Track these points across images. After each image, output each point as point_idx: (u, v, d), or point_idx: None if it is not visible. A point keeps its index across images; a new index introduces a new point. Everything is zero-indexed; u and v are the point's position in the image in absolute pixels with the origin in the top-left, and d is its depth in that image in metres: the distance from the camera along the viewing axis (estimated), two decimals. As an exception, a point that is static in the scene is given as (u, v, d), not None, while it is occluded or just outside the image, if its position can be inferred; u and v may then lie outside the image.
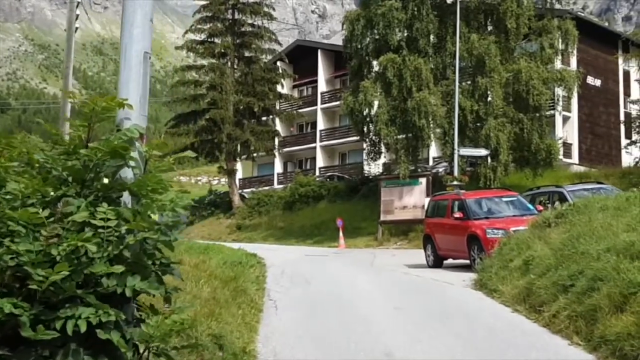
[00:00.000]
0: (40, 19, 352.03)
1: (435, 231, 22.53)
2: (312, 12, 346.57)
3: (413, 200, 36.28)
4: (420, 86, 35.36)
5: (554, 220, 15.46)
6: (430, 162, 50.31)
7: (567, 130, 48.71)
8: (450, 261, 22.44)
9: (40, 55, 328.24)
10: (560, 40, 37.70)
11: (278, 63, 58.60)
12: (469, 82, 37.14)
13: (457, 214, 20.91)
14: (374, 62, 38.20)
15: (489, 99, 35.90)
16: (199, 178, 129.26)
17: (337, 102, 59.48)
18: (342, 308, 13.04)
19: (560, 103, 39.36)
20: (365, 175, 48.90)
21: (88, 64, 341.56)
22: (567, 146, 46.68)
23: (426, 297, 14.56)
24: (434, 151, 50.57)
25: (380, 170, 49.30)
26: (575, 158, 49.39)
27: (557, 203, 20.88)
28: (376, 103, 36.91)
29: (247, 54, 54.99)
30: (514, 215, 20.65)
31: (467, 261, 20.79)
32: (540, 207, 21.26)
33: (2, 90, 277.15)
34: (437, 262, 22.41)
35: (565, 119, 48.61)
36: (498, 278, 14.43)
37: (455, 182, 33.85)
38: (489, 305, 12.98)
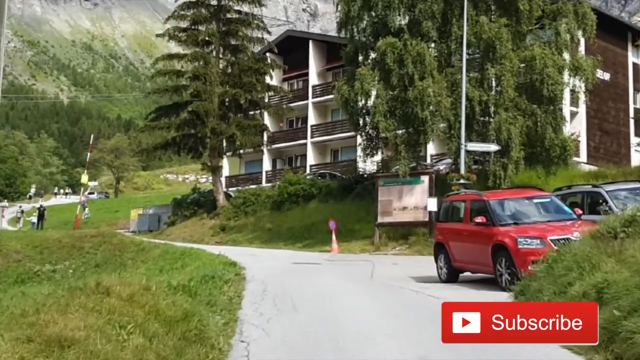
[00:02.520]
0: (30, 15, 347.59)
1: (450, 239, 18.58)
2: (304, 10, 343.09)
3: (414, 201, 32.41)
4: (423, 74, 31.39)
5: (622, 230, 11.59)
6: (428, 160, 46.57)
7: (575, 126, 45.14)
8: (467, 274, 18.51)
9: (29, 51, 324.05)
10: (576, 25, 33.78)
11: (267, 54, 54.70)
12: (476, 72, 33.16)
13: (479, 219, 16.95)
14: (372, 47, 34.25)
15: (500, 88, 31.90)
16: (186, 176, 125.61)
17: (330, 97, 56.11)
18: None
19: (582, 95, 35.32)
20: (360, 173, 44.97)
21: (77, 61, 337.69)
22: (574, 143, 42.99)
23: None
24: (431, 148, 47.03)
25: (375, 169, 45.47)
26: (583, 156, 45.88)
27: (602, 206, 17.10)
28: (374, 93, 32.92)
29: (233, 42, 51.01)
30: (549, 221, 16.74)
31: (488, 275, 16.98)
32: (579, 211, 17.39)
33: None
34: (451, 276, 18.49)
35: (573, 115, 45.10)
36: (553, 309, 10.45)
37: (461, 181, 30.15)
38: (552, 353, 8.98)
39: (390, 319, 12.09)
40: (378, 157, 42.30)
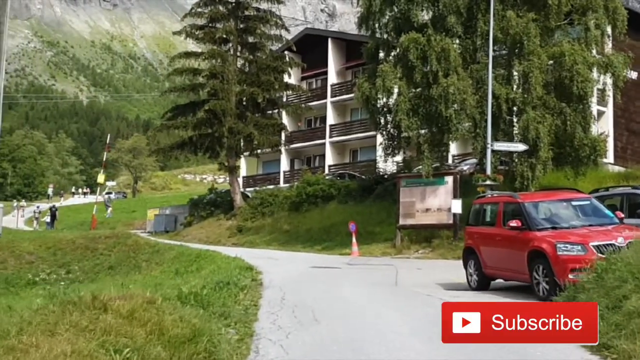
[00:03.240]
0: (50, 16, 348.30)
1: (481, 244, 17.29)
2: (322, 10, 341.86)
3: (438, 202, 31.03)
4: (447, 71, 30.04)
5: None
6: (450, 160, 45.19)
7: (602, 126, 43.61)
8: (499, 281, 17.24)
9: (49, 52, 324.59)
10: (606, 20, 32.34)
11: (285, 53, 53.55)
12: (502, 69, 31.78)
13: (513, 223, 15.65)
14: (394, 44, 32.98)
15: (527, 86, 30.49)
16: (204, 176, 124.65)
17: (349, 96, 55.19)
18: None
19: (611, 93, 33.86)
20: (380, 173, 43.67)
21: (97, 61, 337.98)
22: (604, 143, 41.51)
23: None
24: (453, 148, 45.64)
25: (396, 169, 44.21)
26: (610, 157, 44.35)
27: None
28: (395, 90, 31.63)
29: (251, 40, 49.88)
30: (590, 225, 15.44)
31: (523, 283, 15.73)
32: (621, 214, 16.10)
33: (10, 87, 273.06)
34: (482, 284, 17.21)
35: (600, 114, 43.56)
36: (608, 326, 9.26)
37: (487, 182, 28.79)
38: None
39: (423, 334, 10.84)
40: (398, 158, 41.14)
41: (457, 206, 29.67)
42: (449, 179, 31.16)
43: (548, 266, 14.48)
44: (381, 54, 34.42)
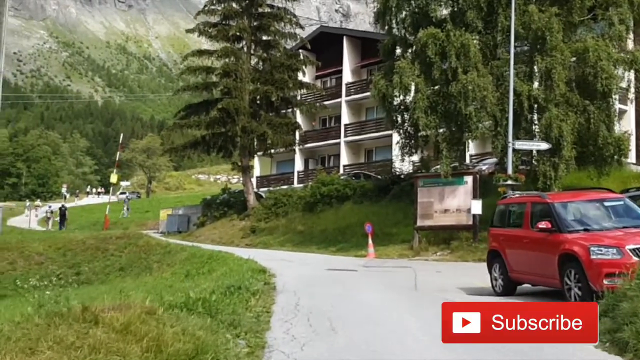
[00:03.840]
0: (65, 16, 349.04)
1: (507, 246, 16.29)
2: (336, 11, 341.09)
3: (456, 203, 30.04)
4: (467, 67, 29.01)
5: None
6: (467, 160, 44.18)
7: (624, 125, 42.53)
8: (525, 286, 16.24)
9: (64, 52, 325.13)
10: (630, 15, 31.25)
11: (300, 51, 52.71)
12: (524, 65, 30.71)
13: (542, 224, 14.65)
14: (411, 40, 32.01)
15: (550, 82, 29.42)
16: (217, 176, 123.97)
17: (364, 94, 54.33)
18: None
19: (632, 90, 32.72)
20: (397, 173, 42.66)
21: (112, 62, 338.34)
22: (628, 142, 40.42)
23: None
24: (471, 147, 44.69)
25: (412, 169, 43.25)
26: (632, 157, 43.24)
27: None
28: (413, 88, 30.63)
29: (265, 37, 49.08)
30: (624, 227, 14.42)
31: (551, 288, 14.75)
32: (658, 215, 15.06)
33: (26, 87, 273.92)
34: (508, 288, 16.19)
35: (621, 113, 42.45)
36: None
37: (509, 182, 27.77)
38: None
39: (449, 347, 9.85)
40: (415, 157, 40.22)
41: (477, 207, 28.70)
42: (469, 179, 30.18)
43: (581, 271, 13.50)
44: (398, 51, 33.48)
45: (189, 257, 30.82)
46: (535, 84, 30.13)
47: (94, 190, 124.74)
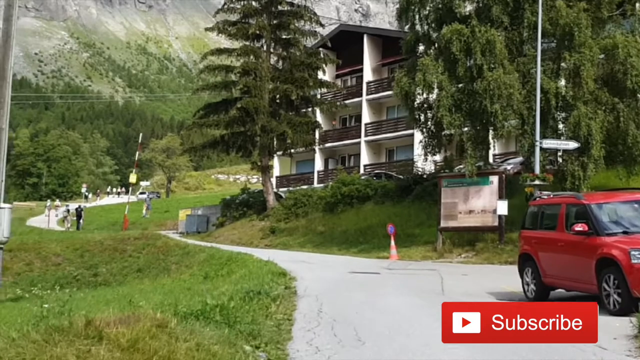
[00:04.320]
0: (86, 17, 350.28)
1: (540, 249, 15.46)
2: (356, 10, 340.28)
3: (482, 203, 29.21)
4: (492, 64, 28.23)
5: None
6: (490, 159, 43.28)
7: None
8: (559, 291, 15.42)
9: (85, 53, 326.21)
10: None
11: (320, 49, 51.99)
12: (551, 62, 29.82)
13: (579, 227, 13.83)
14: (435, 36, 31.22)
15: (578, 80, 28.51)
16: (237, 176, 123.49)
17: (385, 93, 53.71)
18: None
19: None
20: (419, 173, 41.85)
21: (132, 63, 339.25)
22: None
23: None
24: (494, 147, 43.78)
25: (434, 169, 42.45)
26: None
27: None
28: (436, 85, 29.80)
29: (284, 35, 48.40)
30: (666, 230, 13.59)
31: (587, 294, 13.92)
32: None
33: (47, 88, 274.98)
34: (541, 294, 15.37)
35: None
36: None
37: (536, 182, 26.95)
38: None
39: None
40: (437, 157, 39.45)
41: (502, 207, 28.00)
42: (494, 179, 29.34)
43: (621, 276, 12.71)
44: (421, 48, 32.75)
45: (207, 258, 30.24)
46: (563, 82, 29.28)
47: (114, 190, 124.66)
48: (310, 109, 51.56)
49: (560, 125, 29.78)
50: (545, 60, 29.16)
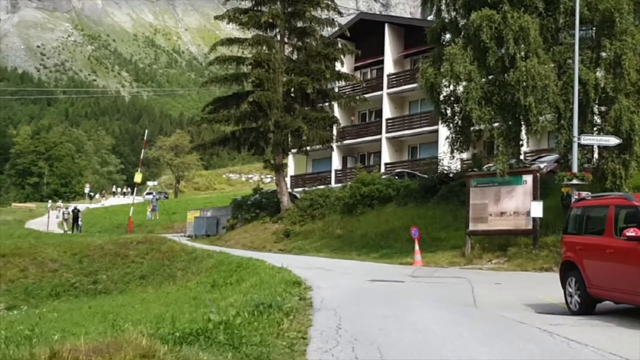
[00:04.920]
0: (90, 8, 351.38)
1: (585, 257, 14.55)
2: (375, 0, 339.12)
3: (514, 205, 28.27)
4: (526, 53, 27.34)
5: None
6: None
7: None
8: (607, 303, 14.49)
9: (89, 46, 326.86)
10: None
11: (337, 40, 51.23)
12: (590, 51, 28.86)
13: (631, 231, 12.90)
14: (463, 23, 30.30)
15: (619, 70, 27.54)
16: (249, 175, 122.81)
17: (407, 86, 52.97)
18: None
19: None
20: (445, 172, 40.95)
21: (140, 56, 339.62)
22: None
23: None
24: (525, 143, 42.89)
25: (459, 168, 41.54)
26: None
27: None
28: (464, 76, 28.88)
29: (299, 24, 47.66)
30: None
31: (636, 306, 13.16)
32: None
33: (50, 82, 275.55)
34: (586, 306, 14.47)
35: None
36: None
37: (574, 181, 26.01)
38: None
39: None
40: (464, 155, 38.63)
41: (537, 209, 27.11)
42: (528, 178, 28.37)
43: (681, 288, 11.81)
44: (447, 36, 31.83)
45: (216, 264, 29.59)
46: (602, 72, 28.27)
47: (119, 190, 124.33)
48: (327, 104, 50.90)
49: (600, 120, 28.95)
50: (583, 49, 28.26)
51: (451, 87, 30.29)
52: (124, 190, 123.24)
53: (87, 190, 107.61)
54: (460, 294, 18.16)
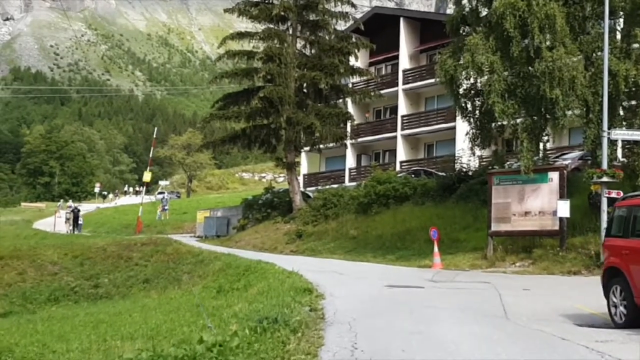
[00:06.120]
0: (104, 7, 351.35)
1: (633, 262, 12.85)
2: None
3: (539, 204, 26.65)
4: (552, 42, 25.70)
5: None
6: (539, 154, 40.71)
7: None
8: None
9: (103, 45, 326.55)
10: None
11: (351, 34, 49.62)
12: (619, 42, 27.23)
13: (689, 235, 11.25)
14: (484, 11, 28.69)
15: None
16: (263, 175, 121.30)
17: (424, 82, 51.58)
18: None
19: None
20: (464, 170, 39.28)
21: (153, 55, 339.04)
22: None
23: None
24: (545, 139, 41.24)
25: (478, 166, 39.90)
26: None
27: None
28: (486, 67, 27.22)
29: (312, 17, 46.16)
30: None
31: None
32: None
33: (63, 82, 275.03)
34: (634, 318, 12.78)
35: None
36: None
37: (604, 179, 24.33)
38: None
39: None
40: (483, 152, 36.98)
41: (564, 209, 25.50)
42: (554, 176, 26.77)
43: None
44: (467, 28, 30.15)
45: (223, 267, 28.15)
46: (632, 64, 26.57)
47: (131, 189, 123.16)
48: (341, 100, 49.49)
49: (629, 114, 27.32)
50: (612, 38, 26.64)
51: (472, 80, 28.73)
52: (137, 189, 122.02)
53: (97, 189, 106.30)
54: (487, 302, 16.53)
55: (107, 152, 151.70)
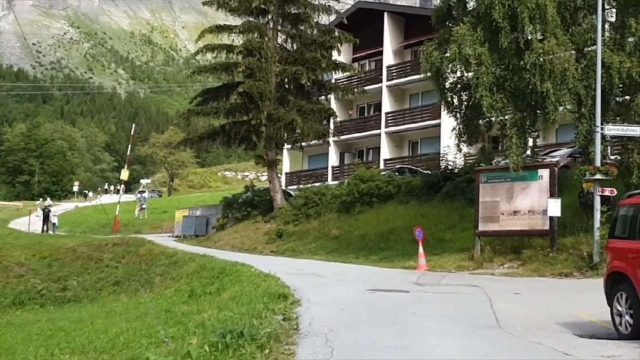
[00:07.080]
0: (87, 5, 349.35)
1: (639, 267, 11.59)
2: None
3: (529, 203, 25.48)
4: (543, 33, 24.56)
5: None
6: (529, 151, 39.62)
7: None
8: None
9: (86, 43, 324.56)
10: None
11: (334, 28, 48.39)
12: (613, 31, 26.12)
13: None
14: (472, 2, 27.47)
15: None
16: (245, 173, 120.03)
17: (408, 78, 50.63)
18: None
19: None
20: (449, 168, 38.16)
21: (136, 53, 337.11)
22: None
23: None
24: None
25: (463, 164, 38.77)
26: None
27: None
28: (474, 59, 26.03)
29: (293, 10, 44.87)
30: None
31: None
32: None
33: (45, 80, 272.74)
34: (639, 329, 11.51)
35: None
36: None
37: (597, 176, 23.13)
38: None
39: None
40: (469, 150, 35.78)
41: (555, 208, 24.31)
42: (544, 173, 25.62)
43: None
44: (454, 17, 28.92)
45: (197, 269, 26.91)
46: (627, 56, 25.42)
47: (112, 188, 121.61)
48: (323, 96, 48.51)
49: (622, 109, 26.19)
50: (605, 30, 25.48)
51: (458, 73, 27.57)
52: (118, 188, 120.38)
53: (75, 188, 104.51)
54: (477, 309, 15.27)
55: (88, 150, 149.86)
